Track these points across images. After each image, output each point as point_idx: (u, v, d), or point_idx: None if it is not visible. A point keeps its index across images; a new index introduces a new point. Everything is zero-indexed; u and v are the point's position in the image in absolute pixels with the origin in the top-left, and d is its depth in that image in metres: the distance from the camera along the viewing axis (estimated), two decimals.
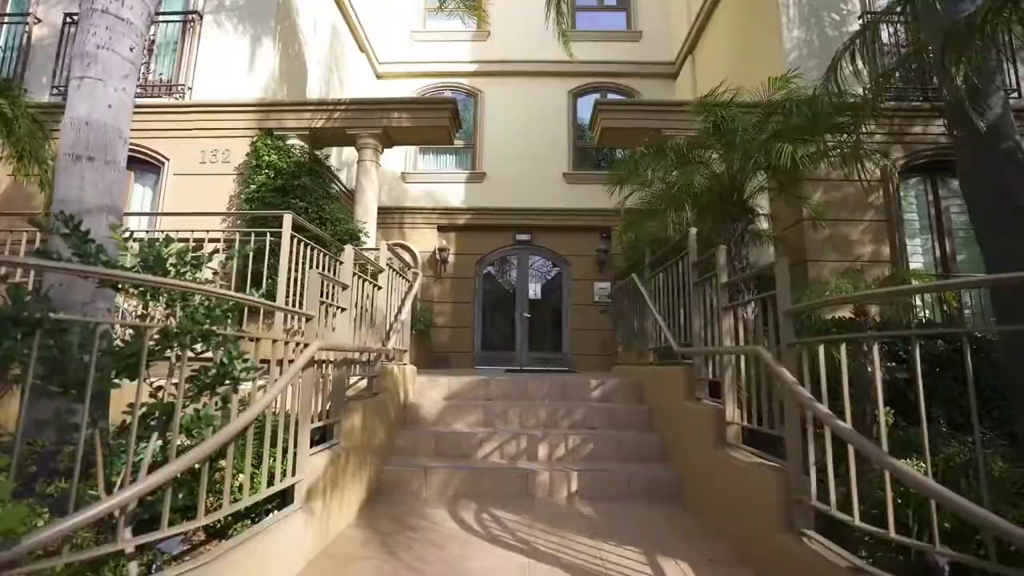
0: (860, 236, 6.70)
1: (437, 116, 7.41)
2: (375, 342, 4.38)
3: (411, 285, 5.47)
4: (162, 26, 7.35)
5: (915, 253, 6.88)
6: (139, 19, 3.42)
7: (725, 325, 3.34)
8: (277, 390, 2.23)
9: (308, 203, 6.67)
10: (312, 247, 4.70)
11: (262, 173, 6.67)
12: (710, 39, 9.71)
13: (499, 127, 11.26)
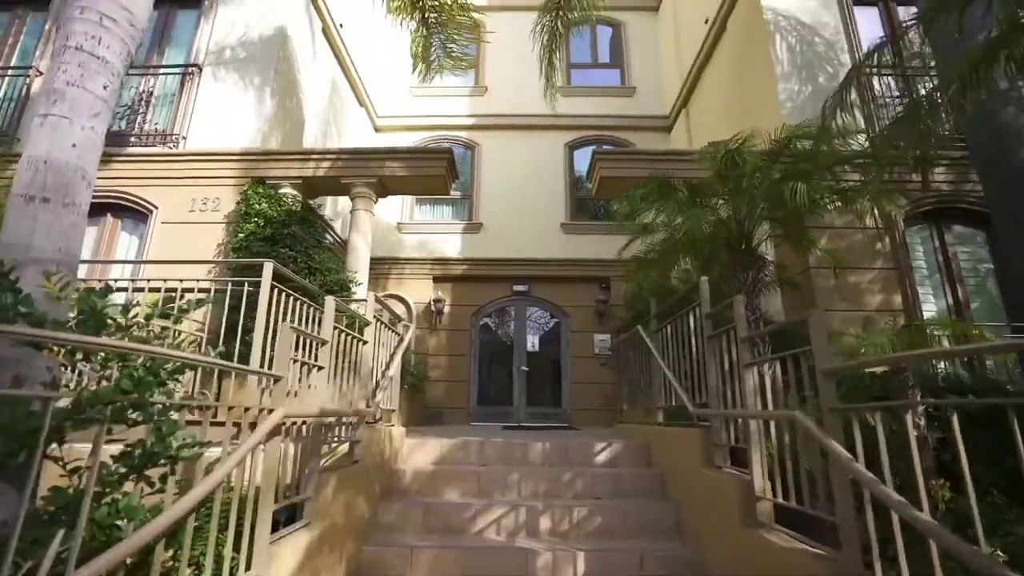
0: (869, 284, 6.41)
1: (433, 165, 7.25)
2: (360, 400, 3.96)
3: (401, 339, 5.09)
4: (161, 78, 7.31)
5: (926, 301, 6.57)
6: (117, 58, 3.21)
7: (748, 384, 2.96)
8: (223, 473, 1.82)
9: (297, 252, 6.38)
10: (295, 298, 4.35)
11: (251, 221, 6.42)
12: (703, 93, 9.79)
13: (496, 178, 11.20)
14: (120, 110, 7.14)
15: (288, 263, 6.25)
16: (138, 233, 6.88)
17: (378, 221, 10.67)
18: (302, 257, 6.38)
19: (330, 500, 3.08)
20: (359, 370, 3.94)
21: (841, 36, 7.39)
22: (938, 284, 6.67)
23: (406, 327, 5.44)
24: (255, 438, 2.09)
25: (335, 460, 3.59)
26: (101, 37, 3.14)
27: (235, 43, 7.29)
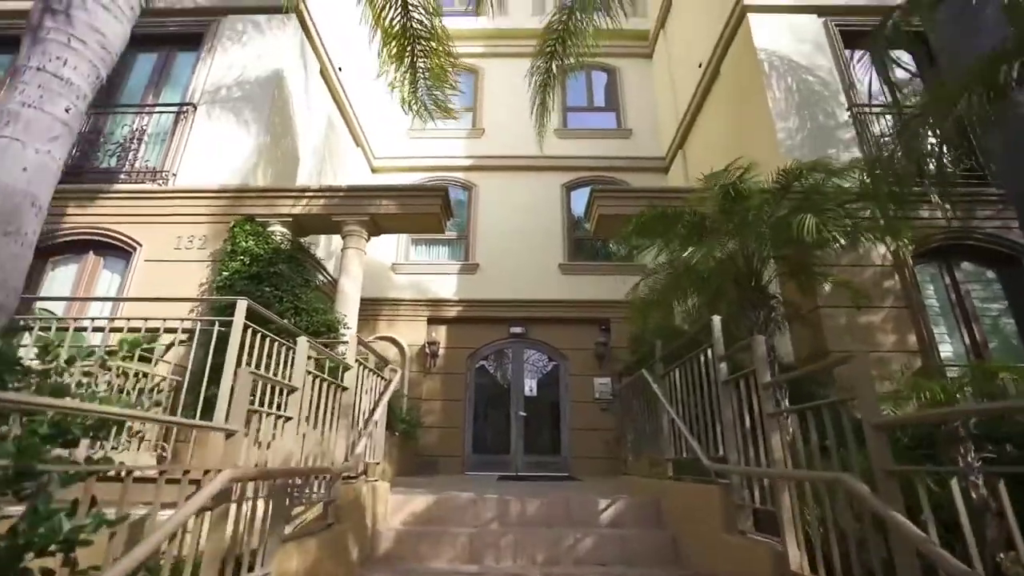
0: (881, 324, 6.07)
1: (427, 203, 7.04)
2: (339, 453, 3.53)
3: (388, 384, 4.68)
4: (156, 116, 7.17)
5: (942, 341, 6.22)
6: (83, 80, 2.98)
7: (774, 437, 2.56)
8: (133, 560, 1.41)
9: (283, 292, 6.05)
10: (272, 340, 3.98)
11: (237, 259, 6.12)
12: (699, 134, 9.75)
13: (493, 219, 11.02)
14: (112, 147, 6.98)
15: (273, 303, 5.93)
16: (120, 271, 6.56)
17: (371, 261, 10.42)
18: (288, 297, 6.05)
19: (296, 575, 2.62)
20: (338, 419, 3.53)
21: (836, 77, 7.33)
22: (952, 323, 6.34)
23: (393, 371, 5.03)
24: (187, 509, 1.69)
25: (306, 524, 3.14)
26: (67, 58, 2.91)
27: (231, 83, 7.20)
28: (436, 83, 6.99)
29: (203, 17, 7.62)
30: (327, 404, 3.35)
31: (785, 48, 7.46)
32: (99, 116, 7.14)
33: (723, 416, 3.12)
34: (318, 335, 5.97)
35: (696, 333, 3.79)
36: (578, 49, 7.21)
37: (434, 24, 6.55)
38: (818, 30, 7.58)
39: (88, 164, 6.88)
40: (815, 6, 7.65)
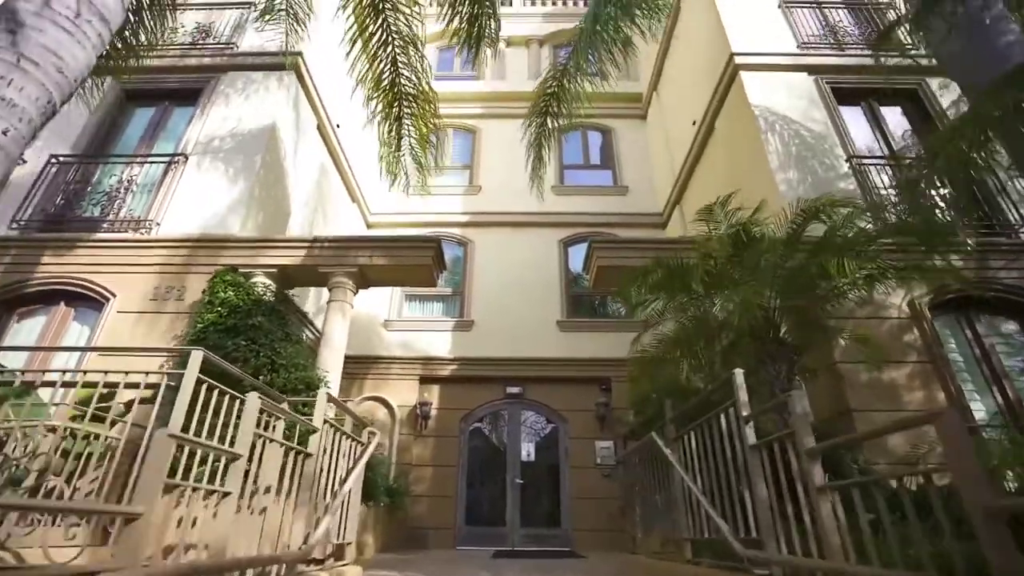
0: (906, 381, 5.57)
1: (419, 255, 6.69)
2: (298, 533, 2.94)
3: (365, 448, 4.11)
4: (146, 167, 6.97)
5: (972, 399, 5.68)
6: (30, 103, 2.67)
7: (826, 520, 2.03)
8: None
9: (260, 346, 5.58)
10: (234, 398, 3.46)
11: (214, 311, 5.69)
12: (696, 189, 9.61)
13: (489, 275, 10.69)
14: (97, 197, 6.72)
15: (249, 357, 5.45)
16: (91, 323, 6.10)
17: (362, 317, 9.99)
18: (266, 351, 5.57)
19: None
20: (297, 493, 2.97)
21: (832, 130, 7.24)
22: (980, 380, 5.83)
23: (372, 434, 4.46)
24: None
25: None
26: (13, 79, 2.61)
27: (224, 135, 7.08)
28: (422, 142, 6.85)
29: (203, 74, 7.62)
30: (285, 474, 2.81)
31: (779, 104, 7.42)
32: (88, 166, 6.95)
33: (755, 489, 2.58)
34: (296, 393, 5.44)
35: (713, 390, 3.30)
36: (572, 109, 7.16)
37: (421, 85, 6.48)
38: (810, 87, 7.58)
39: (71, 213, 6.60)
40: (805, 65, 7.70)
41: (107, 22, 3.10)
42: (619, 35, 6.61)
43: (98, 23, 3.03)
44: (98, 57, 5.77)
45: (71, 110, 7.30)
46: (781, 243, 3.89)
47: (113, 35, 3.17)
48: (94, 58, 3.04)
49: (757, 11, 8.26)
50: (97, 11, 3.02)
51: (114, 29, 3.19)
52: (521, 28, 13.71)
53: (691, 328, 4.14)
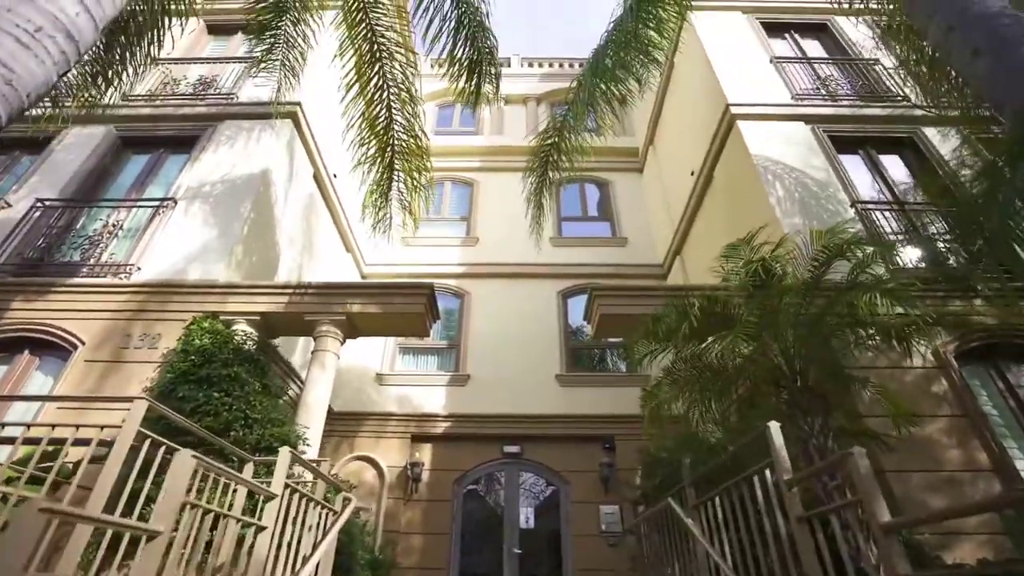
0: (940, 437, 5.03)
1: (411, 302, 6.32)
2: None
3: (337, 517, 3.55)
4: (134, 211, 6.74)
5: (1017, 458, 5.11)
6: None
7: None
8: None
9: (235, 398, 5.08)
10: None
11: (187, 360, 5.24)
12: (696, 240, 9.40)
13: (486, 327, 10.27)
14: (79, 241, 6.44)
15: (220, 410, 4.94)
16: (56, 373, 5.63)
17: (352, 370, 9.49)
18: (239, 404, 5.06)
19: None
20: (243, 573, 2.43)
21: (833, 177, 7.09)
22: (1020, 435, 5.29)
23: (348, 500, 3.90)
24: None
25: None
26: None
27: (216, 180, 6.92)
28: (413, 186, 6.68)
29: (201, 123, 7.57)
30: (223, 552, 2.28)
31: (778, 152, 7.32)
32: (75, 211, 6.72)
33: (805, 569, 2.05)
34: (270, 452, 4.89)
35: (740, 448, 2.81)
36: (572, 160, 7.05)
37: (415, 129, 6.38)
38: (808, 136, 7.52)
39: (49, 258, 6.29)
40: (801, 115, 7.68)
41: (75, 41, 2.90)
42: (618, 87, 6.58)
43: (63, 40, 2.83)
44: (84, 98, 5.67)
45: (65, 158, 7.22)
46: (803, 282, 3.52)
47: (81, 55, 2.96)
48: (55, 76, 2.81)
49: (750, 65, 8.37)
50: (63, 27, 2.82)
51: (84, 49, 2.99)
52: (519, 87, 14.08)
53: (705, 377, 3.69)
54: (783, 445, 2.34)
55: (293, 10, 6.40)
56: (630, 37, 6.40)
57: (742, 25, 8.94)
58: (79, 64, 5.72)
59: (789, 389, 3.36)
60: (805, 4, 9.27)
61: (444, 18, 5.72)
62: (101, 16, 3.08)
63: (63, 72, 2.87)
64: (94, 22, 3.02)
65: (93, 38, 3.05)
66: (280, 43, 6.60)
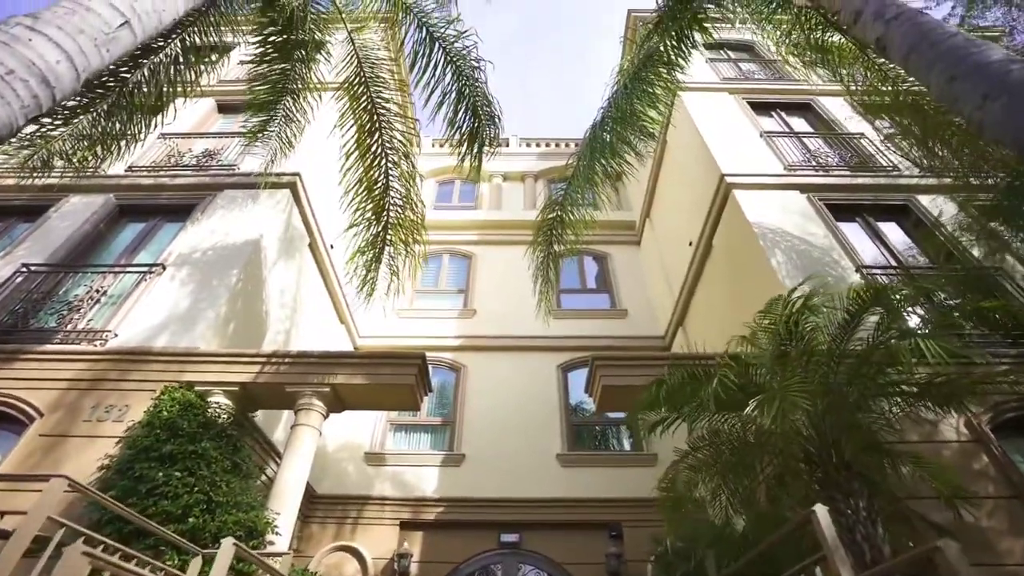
0: (992, 521, 4.40)
1: (400, 373, 5.88)
2: None
3: None
4: (118, 277, 6.49)
5: None
6: None
7: None
8: None
9: (199, 478, 4.53)
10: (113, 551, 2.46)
11: (152, 434, 4.73)
12: (698, 309, 9.11)
13: (483, 402, 9.69)
14: (58, 306, 6.13)
15: (180, 492, 4.37)
16: (7, 448, 5.08)
17: (339, 449, 8.82)
18: (203, 485, 4.50)
19: None
20: None
21: (834, 242, 6.93)
22: None
23: None
24: None
25: None
26: None
27: (207, 247, 6.73)
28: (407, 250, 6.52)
29: (200, 192, 7.54)
30: None
31: (776, 220, 7.23)
32: (59, 276, 6.47)
33: None
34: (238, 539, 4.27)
35: (781, 537, 2.31)
36: (575, 235, 6.98)
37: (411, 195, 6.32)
38: (804, 204, 7.47)
39: (24, 324, 5.94)
40: (796, 184, 7.69)
41: (50, 87, 2.77)
42: (615, 160, 6.62)
43: (37, 85, 2.69)
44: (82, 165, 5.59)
45: (59, 224, 7.11)
46: (832, 337, 3.16)
47: (57, 101, 2.83)
48: (22, 120, 2.64)
49: (741, 139, 8.53)
50: (38, 72, 2.70)
51: (60, 97, 2.86)
52: (517, 165, 14.47)
53: (727, 455, 3.21)
54: (835, 535, 1.88)
55: (293, 90, 6.55)
56: (626, 113, 6.50)
57: (730, 104, 9.25)
58: (82, 138, 5.80)
59: (824, 466, 2.89)
60: (788, 86, 9.67)
61: (445, 91, 5.82)
62: (85, 66, 2.99)
63: (32, 116, 2.71)
64: (75, 71, 2.91)
65: (73, 87, 2.93)
66: (279, 118, 6.72)
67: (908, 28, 3.24)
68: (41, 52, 2.72)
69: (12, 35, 2.67)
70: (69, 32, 2.90)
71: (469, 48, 5.43)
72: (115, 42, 3.19)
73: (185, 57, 5.95)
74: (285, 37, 6.23)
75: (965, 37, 2.93)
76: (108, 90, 5.66)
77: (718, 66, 10.47)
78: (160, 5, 3.51)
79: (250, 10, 6.20)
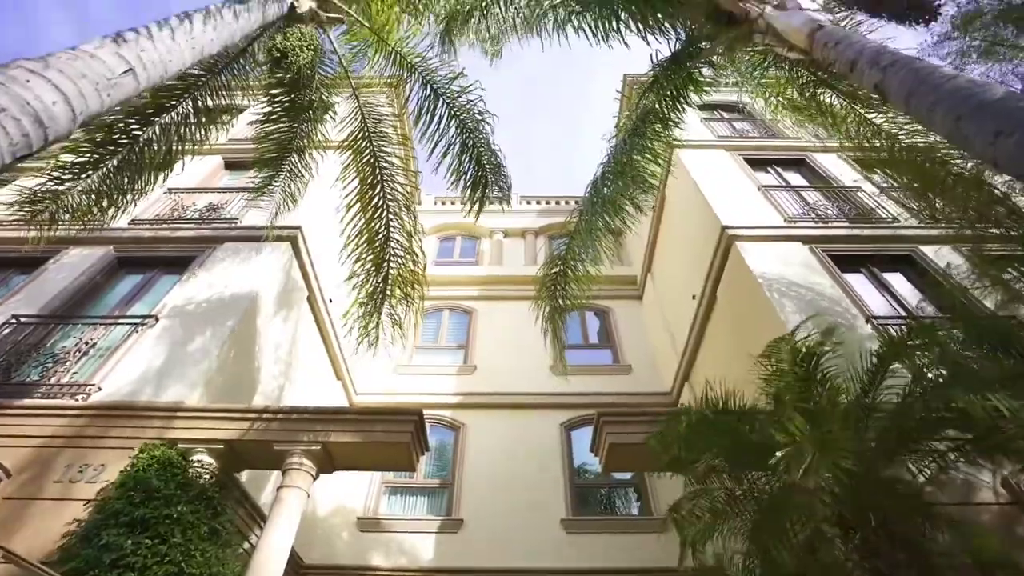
0: None
1: (395, 431, 5.53)
2: None
3: None
4: (109, 329, 6.30)
5: None
6: None
7: None
8: None
9: (172, 546, 4.14)
10: None
11: (124, 496, 4.37)
12: (705, 363, 8.81)
13: (483, 463, 9.19)
14: (43, 359, 5.90)
15: (149, 563, 3.98)
16: None
17: (330, 515, 8.28)
18: (176, 553, 4.11)
19: None
20: None
21: (841, 292, 6.78)
22: None
23: None
24: None
25: None
26: None
27: (203, 300, 6.58)
28: (408, 302, 6.38)
29: (200, 244, 7.50)
30: None
31: (781, 271, 7.12)
32: (49, 327, 6.28)
33: None
34: None
35: None
36: (580, 289, 6.88)
37: (413, 247, 6.27)
38: (807, 255, 7.39)
39: (5, 378, 5.68)
40: (798, 236, 7.65)
41: (43, 127, 2.72)
42: (616, 214, 6.63)
43: (29, 124, 2.64)
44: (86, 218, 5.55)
45: (56, 276, 7.01)
46: (864, 379, 2.93)
47: (49, 141, 2.77)
48: (8, 158, 2.56)
49: (739, 192, 8.60)
50: (32, 112, 2.66)
51: (52, 137, 2.80)
52: (518, 222, 14.61)
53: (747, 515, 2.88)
54: None
55: (299, 148, 6.66)
56: (625, 167, 6.58)
57: (726, 160, 9.41)
58: (91, 193, 5.83)
59: (862, 531, 2.56)
60: (781, 143, 9.90)
61: (449, 142, 5.89)
62: (83, 109, 2.96)
63: (21, 155, 2.65)
64: (72, 113, 2.88)
65: (69, 128, 2.89)
66: (284, 173, 6.81)
67: (906, 74, 3.24)
68: (38, 93, 2.69)
69: (10, 76, 2.65)
70: (70, 75, 2.89)
71: (473, 102, 5.54)
72: (117, 87, 3.19)
73: (196, 116, 6.10)
74: (292, 97, 6.41)
75: (967, 78, 2.92)
76: (119, 146, 5.75)
77: (712, 125, 10.78)
78: (167, 56, 3.55)
79: (260, 72, 6.42)
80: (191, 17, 3.90)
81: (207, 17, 4.01)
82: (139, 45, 3.38)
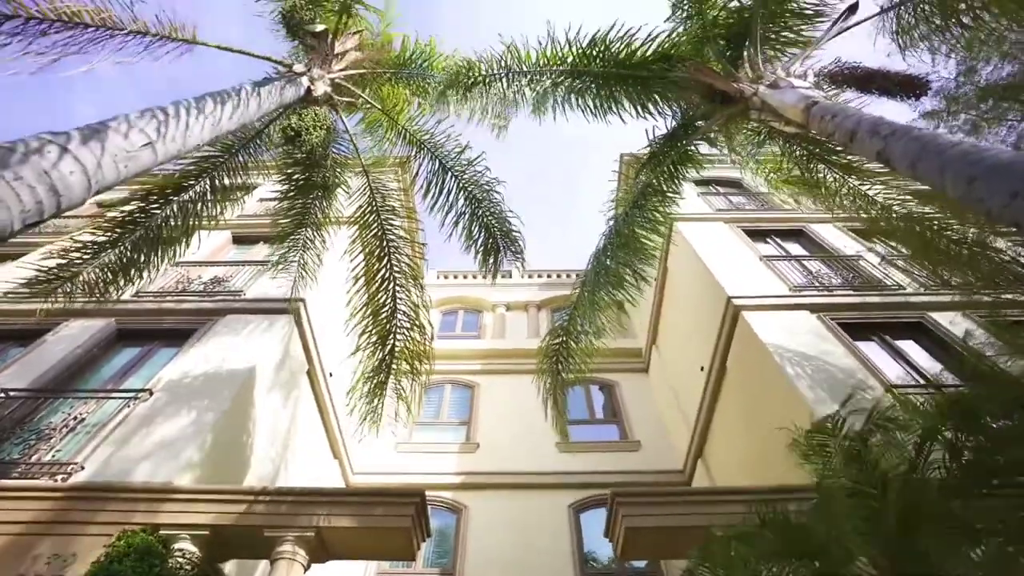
0: None
1: (395, 514, 5.10)
2: None
3: None
4: (100, 404, 6.02)
5: None
6: None
7: None
8: None
9: None
10: None
11: None
12: (719, 437, 8.40)
13: (486, 550, 8.47)
14: (25, 435, 5.58)
15: None
16: None
17: None
18: None
19: None
20: None
21: (855, 361, 6.58)
22: None
23: None
24: None
25: None
26: None
27: (199, 373, 6.35)
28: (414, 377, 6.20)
29: (202, 317, 7.39)
30: None
31: (791, 340, 6.95)
32: (38, 402, 6.01)
33: None
34: None
35: None
36: (584, 364, 6.73)
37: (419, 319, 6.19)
38: (816, 324, 7.25)
39: None
40: (805, 305, 7.57)
41: (57, 195, 2.71)
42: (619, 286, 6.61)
43: (44, 192, 2.63)
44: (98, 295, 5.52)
45: (53, 348, 6.84)
46: None
47: (61, 209, 2.75)
48: (18, 224, 2.53)
49: (742, 263, 8.63)
50: (48, 181, 2.66)
51: (66, 206, 2.79)
52: (521, 295, 14.61)
53: None
54: None
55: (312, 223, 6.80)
56: (627, 239, 6.64)
57: (726, 232, 9.56)
58: (106, 269, 5.87)
59: None
60: (779, 215, 10.10)
61: (459, 213, 5.99)
62: (99, 180, 2.98)
63: (31, 223, 2.61)
64: (88, 183, 2.89)
65: (83, 198, 2.89)
66: (297, 247, 6.91)
67: (907, 141, 3.31)
68: (56, 162, 2.72)
69: (31, 147, 2.68)
70: (90, 147, 2.94)
71: (480, 172, 5.70)
72: (134, 160, 3.24)
73: (213, 195, 6.28)
74: (307, 176, 6.62)
75: (972, 143, 2.97)
76: (137, 224, 5.87)
77: (709, 199, 11.07)
78: (184, 131, 3.65)
79: (275, 153, 6.69)
80: (217, 98, 4.07)
81: (227, 98, 4.19)
82: (161, 121, 3.48)
